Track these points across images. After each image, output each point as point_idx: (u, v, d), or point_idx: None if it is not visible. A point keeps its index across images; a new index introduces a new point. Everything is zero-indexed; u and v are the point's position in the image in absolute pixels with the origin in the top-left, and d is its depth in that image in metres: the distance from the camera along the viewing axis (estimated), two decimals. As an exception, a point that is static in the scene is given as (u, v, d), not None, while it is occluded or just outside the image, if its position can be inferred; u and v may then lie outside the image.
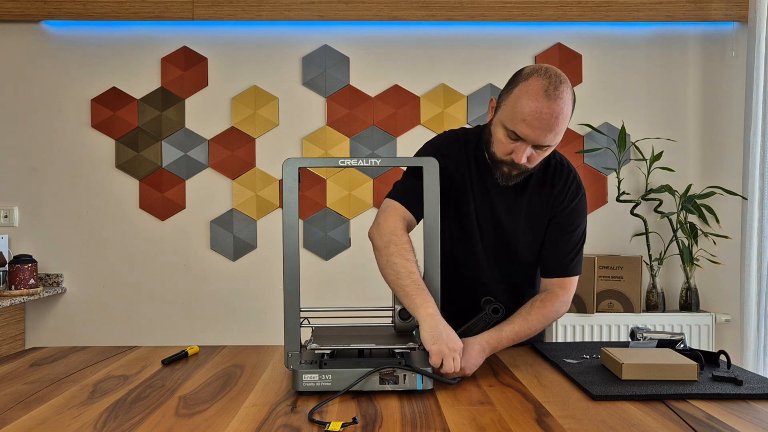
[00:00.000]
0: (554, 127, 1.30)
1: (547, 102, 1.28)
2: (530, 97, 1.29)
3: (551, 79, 1.29)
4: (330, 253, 3.02)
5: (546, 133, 1.30)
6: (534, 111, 1.28)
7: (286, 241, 1.26)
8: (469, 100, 3.02)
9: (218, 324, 3.02)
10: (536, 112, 1.28)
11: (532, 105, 1.28)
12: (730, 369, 1.32)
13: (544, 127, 1.29)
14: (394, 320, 1.36)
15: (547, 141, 1.32)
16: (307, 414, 1.05)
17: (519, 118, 1.30)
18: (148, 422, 1.03)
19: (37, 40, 2.98)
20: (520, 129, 1.31)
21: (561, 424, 1.01)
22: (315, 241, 3.01)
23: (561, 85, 1.29)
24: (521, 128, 1.30)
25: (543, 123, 1.29)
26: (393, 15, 2.92)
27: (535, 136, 1.31)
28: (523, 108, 1.29)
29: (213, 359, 1.49)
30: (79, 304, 3.01)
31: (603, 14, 2.94)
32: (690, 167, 3.04)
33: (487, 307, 1.41)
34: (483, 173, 1.47)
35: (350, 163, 1.29)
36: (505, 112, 1.33)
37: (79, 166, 3.00)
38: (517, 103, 1.30)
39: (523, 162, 1.35)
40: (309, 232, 3.01)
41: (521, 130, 1.31)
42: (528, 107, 1.28)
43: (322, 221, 3.01)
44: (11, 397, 1.18)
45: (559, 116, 1.29)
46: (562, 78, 1.31)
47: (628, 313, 2.83)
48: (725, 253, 2.95)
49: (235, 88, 3.01)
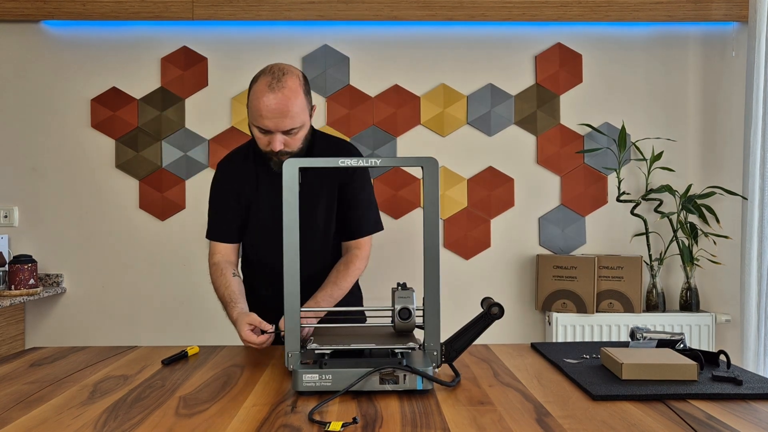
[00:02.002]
0: (287, 113, 1.51)
1: (273, 94, 1.50)
2: (259, 95, 1.52)
3: (274, 74, 1.52)
4: (330, 253, 3.02)
5: (283, 119, 1.52)
6: (264, 105, 1.51)
7: (286, 241, 1.26)
8: (469, 100, 3.02)
9: (218, 324, 3.00)
10: (266, 106, 1.51)
11: (261, 101, 1.51)
12: (730, 369, 1.33)
13: (278, 116, 1.51)
14: (393, 320, 1.36)
15: (287, 125, 1.53)
16: (308, 414, 1.05)
17: (257, 115, 1.53)
18: (148, 422, 1.03)
19: (37, 40, 2.98)
20: (262, 123, 1.53)
21: (561, 424, 1.01)
22: (315, 241, 3.01)
23: (284, 77, 1.52)
24: (262, 122, 1.53)
25: (275, 112, 1.51)
26: (393, 15, 2.92)
27: (275, 125, 1.53)
28: (257, 105, 1.52)
29: (213, 359, 1.49)
30: (79, 304, 3.01)
31: (603, 14, 2.94)
32: (690, 167, 3.04)
33: (486, 307, 1.40)
34: (267, 171, 1.67)
35: (350, 163, 1.29)
36: (250, 113, 1.56)
37: (79, 166, 3.00)
38: (252, 103, 1.54)
39: (280, 148, 1.56)
40: (309, 232, 3.01)
41: (263, 123, 1.53)
42: (260, 104, 1.51)
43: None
44: (11, 397, 1.18)
45: (288, 102, 1.51)
46: (286, 70, 1.54)
47: (628, 313, 2.83)
48: (725, 253, 2.95)
49: (235, 88, 3.01)
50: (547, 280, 2.89)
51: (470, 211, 3.03)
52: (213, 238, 1.75)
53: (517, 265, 3.05)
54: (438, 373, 1.30)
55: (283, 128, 1.53)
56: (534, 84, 3.04)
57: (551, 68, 3.03)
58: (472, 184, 3.03)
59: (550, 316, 2.87)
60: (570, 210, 3.04)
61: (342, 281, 1.65)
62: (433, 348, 1.28)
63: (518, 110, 3.03)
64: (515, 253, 3.05)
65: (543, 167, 3.04)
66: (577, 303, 2.83)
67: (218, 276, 1.68)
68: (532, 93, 3.03)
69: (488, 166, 3.04)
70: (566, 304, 2.85)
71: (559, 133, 3.03)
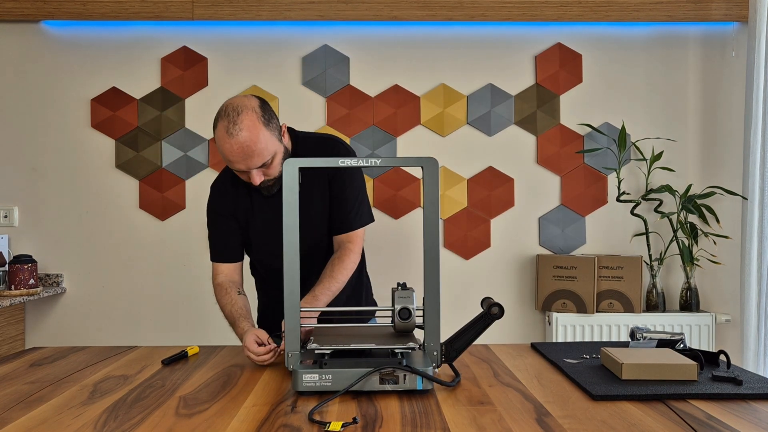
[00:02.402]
0: (253, 152, 1.48)
1: (231, 140, 1.47)
2: (221, 142, 1.49)
3: (229, 117, 1.48)
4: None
5: (251, 159, 1.49)
6: (228, 151, 1.48)
7: (286, 241, 1.26)
8: (469, 100, 3.02)
9: (218, 324, 3.00)
10: (230, 151, 1.48)
11: (225, 148, 1.49)
12: (729, 369, 1.33)
13: (245, 157, 1.48)
14: (393, 320, 1.36)
15: (258, 163, 1.50)
16: (308, 414, 1.05)
17: (227, 160, 1.51)
18: (148, 422, 1.03)
19: (37, 40, 2.98)
20: (233, 166, 1.52)
21: (561, 424, 1.01)
22: (315, 241, 3.01)
23: (239, 117, 1.47)
24: (234, 166, 1.52)
25: (241, 155, 1.48)
26: (393, 15, 2.92)
27: (246, 166, 1.50)
28: (223, 152, 1.50)
29: (213, 359, 1.49)
30: (79, 304, 3.01)
31: (603, 14, 2.94)
32: (690, 167, 3.04)
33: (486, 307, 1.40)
34: (257, 192, 1.66)
35: (350, 163, 1.29)
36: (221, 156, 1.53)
37: (79, 166, 3.00)
38: (219, 149, 1.51)
39: (260, 181, 1.54)
40: (309, 232, 3.01)
41: (235, 167, 1.52)
42: (224, 150, 1.49)
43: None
44: (11, 397, 1.18)
45: (249, 143, 1.47)
46: (240, 108, 1.49)
47: (628, 313, 2.83)
48: (725, 253, 2.96)
49: (235, 88, 3.01)
50: (547, 280, 2.89)
51: (470, 211, 3.03)
52: (216, 260, 1.74)
53: (517, 265, 3.05)
54: (438, 373, 1.30)
55: (254, 166, 1.51)
56: (534, 84, 3.04)
57: (551, 68, 3.03)
58: (472, 184, 3.03)
59: (550, 316, 2.87)
60: (570, 210, 3.04)
61: (339, 274, 1.63)
62: (433, 348, 1.28)
63: (518, 110, 3.03)
64: (515, 253, 3.05)
65: (543, 167, 3.04)
66: (577, 303, 2.83)
67: (223, 295, 1.68)
68: (532, 93, 3.03)
69: (488, 166, 3.04)
70: (566, 304, 2.85)
71: (559, 133, 3.03)
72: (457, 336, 1.31)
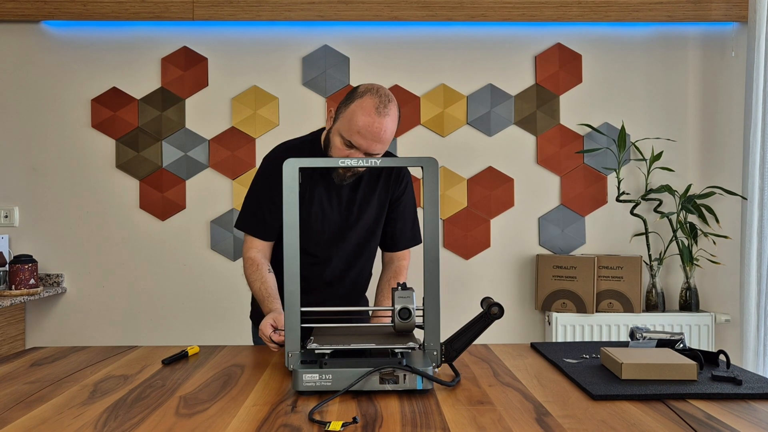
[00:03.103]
0: (383, 139, 1.52)
1: (378, 118, 1.50)
2: (364, 113, 1.50)
3: (381, 98, 1.52)
4: (330, 253, 3.02)
5: (376, 144, 1.52)
6: (366, 125, 1.50)
7: (287, 241, 1.26)
8: (469, 100, 3.02)
9: (218, 324, 3.02)
10: (368, 126, 1.50)
11: (365, 119, 1.50)
12: (729, 369, 1.33)
13: (375, 139, 1.51)
14: (394, 320, 1.36)
15: (377, 150, 1.54)
16: (308, 414, 1.05)
17: (354, 130, 1.51)
18: (149, 422, 1.03)
19: (37, 40, 2.99)
20: (354, 139, 1.52)
21: (561, 424, 1.01)
22: (315, 241, 3.01)
23: (389, 104, 1.52)
24: (356, 138, 1.52)
25: (374, 135, 1.51)
26: (393, 15, 2.92)
27: (366, 146, 1.53)
28: (357, 121, 1.51)
29: (213, 359, 1.49)
30: (79, 304, 3.01)
31: (603, 14, 2.94)
32: (690, 167, 3.04)
33: (486, 307, 1.40)
34: (322, 175, 1.67)
35: (350, 163, 1.29)
36: (343, 124, 1.54)
37: (79, 166, 3.01)
38: (353, 117, 1.52)
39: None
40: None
41: (356, 140, 1.52)
42: (362, 121, 1.50)
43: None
44: (11, 397, 1.18)
45: (387, 130, 1.52)
46: (391, 98, 1.54)
47: (628, 313, 2.83)
48: (725, 253, 2.96)
49: (236, 88, 3.01)
50: (546, 280, 2.89)
51: (470, 211, 3.03)
52: (253, 233, 1.70)
53: (517, 265, 3.05)
54: (438, 372, 1.30)
55: (372, 151, 1.53)
56: (534, 84, 3.04)
57: (551, 68, 3.03)
58: (472, 184, 3.03)
59: (550, 316, 2.87)
60: (570, 210, 3.04)
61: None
62: (433, 348, 1.28)
63: (518, 110, 3.03)
64: (515, 253, 3.05)
65: (543, 167, 3.04)
66: (577, 303, 2.83)
67: (254, 270, 1.66)
68: (531, 93, 3.04)
69: (488, 166, 3.04)
70: (566, 304, 2.85)
71: (559, 133, 3.03)
72: (456, 336, 1.32)
